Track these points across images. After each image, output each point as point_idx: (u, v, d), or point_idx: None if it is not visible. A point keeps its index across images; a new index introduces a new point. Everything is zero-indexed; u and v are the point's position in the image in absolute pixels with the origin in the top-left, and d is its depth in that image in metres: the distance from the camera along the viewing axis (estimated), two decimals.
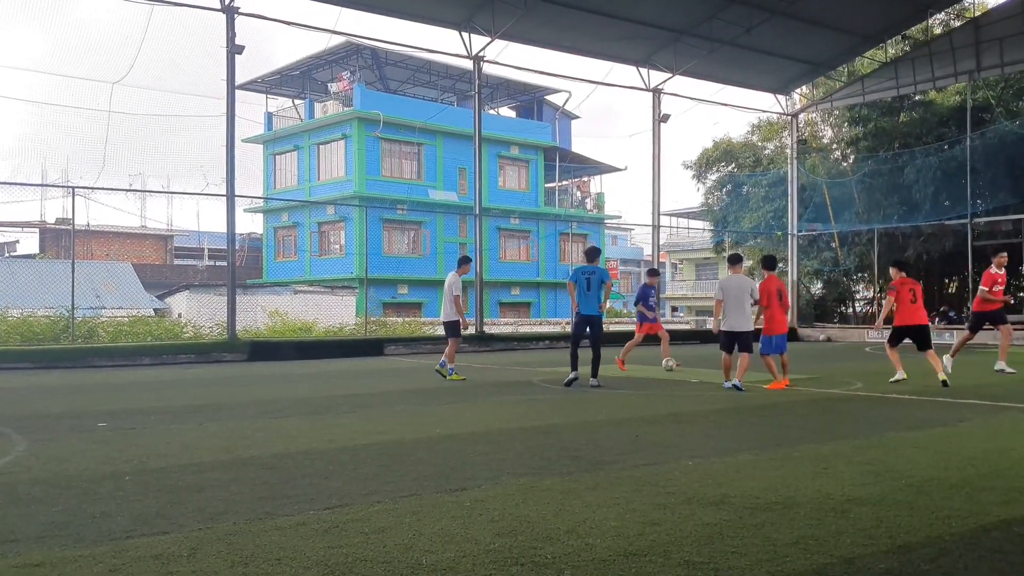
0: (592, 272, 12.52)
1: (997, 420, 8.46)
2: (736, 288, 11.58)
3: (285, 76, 43.46)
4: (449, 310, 13.64)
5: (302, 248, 42.44)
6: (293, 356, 19.50)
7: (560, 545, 4.06)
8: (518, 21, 23.12)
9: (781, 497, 5.06)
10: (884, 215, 30.79)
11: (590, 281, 12.41)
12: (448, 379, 13.42)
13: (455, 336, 13.73)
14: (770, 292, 11.76)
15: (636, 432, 7.79)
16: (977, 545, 4.05)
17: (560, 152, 47.28)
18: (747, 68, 28.90)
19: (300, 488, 5.39)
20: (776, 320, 11.85)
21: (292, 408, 9.82)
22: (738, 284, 11.64)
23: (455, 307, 13.52)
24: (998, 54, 26.79)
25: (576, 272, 12.67)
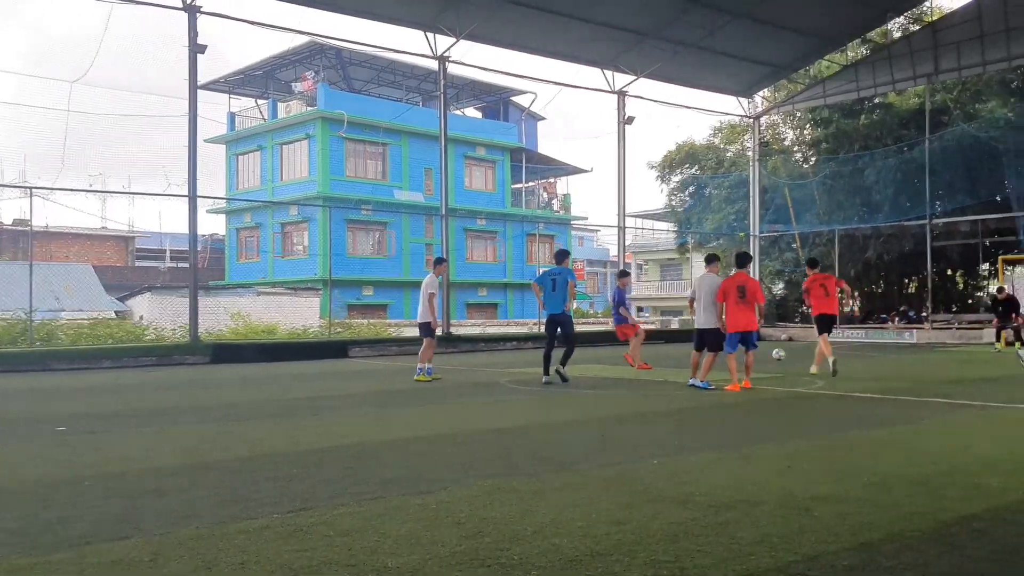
0: (558, 273, 12.70)
1: (955, 418, 8.60)
2: (707, 287, 11.65)
3: (248, 76, 43.06)
4: (424, 310, 13.66)
5: (265, 249, 42.05)
6: (256, 358, 19.31)
7: (527, 546, 4.06)
8: (484, 22, 23.10)
9: (745, 495, 5.09)
10: (845, 216, 31.22)
11: (555, 282, 12.59)
12: (416, 379, 13.43)
13: (430, 337, 13.72)
14: (727, 289, 11.42)
15: (602, 432, 7.81)
16: (938, 541, 4.11)
17: (526, 153, 47.34)
18: (710, 71, 29.15)
19: (264, 491, 5.33)
20: (731, 317, 11.46)
21: (255, 411, 9.72)
22: (708, 283, 11.70)
23: (428, 307, 13.52)
24: (955, 58, 27.29)
25: (543, 275, 12.91)
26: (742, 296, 11.36)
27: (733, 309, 11.39)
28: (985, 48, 26.55)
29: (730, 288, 11.41)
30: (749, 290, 11.43)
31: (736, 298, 11.37)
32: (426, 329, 13.74)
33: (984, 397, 10.38)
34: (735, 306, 11.37)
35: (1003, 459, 6.20)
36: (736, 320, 11.39)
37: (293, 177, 41.29)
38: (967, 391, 11.17)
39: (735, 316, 11.38)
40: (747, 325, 11.44)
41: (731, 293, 11.41)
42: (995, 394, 10.81)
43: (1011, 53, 26.34)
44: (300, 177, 40.86)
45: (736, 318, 11.38)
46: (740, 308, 11.35)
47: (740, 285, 11.40)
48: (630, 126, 28.11)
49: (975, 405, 9.59)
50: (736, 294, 11.38)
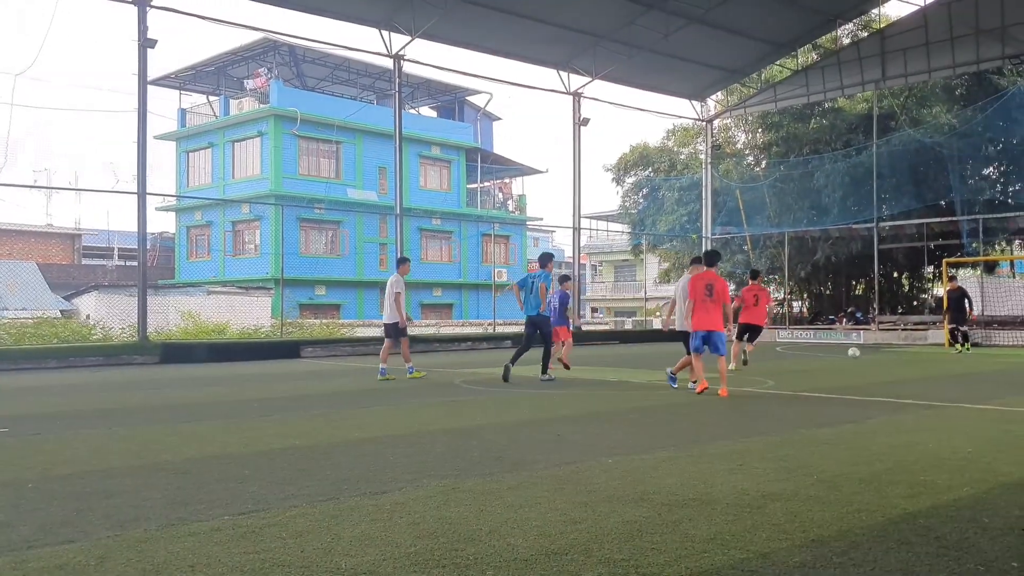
0: (536, 276, 13.28)
1: (902, 417, 8.78)
2: (681, 288, 11.76)
3: (200, 72, 42.44)
4: (391, 311, 13.88)
5: (216, 248, 41.45)
6: (206, 358, 19.04)
7: (482, 546, 4.05)
8: (439, 21, 23.05)
9: (699, 493, 5.14)
10: (795, 219, 31.71)
11: (533, 284, 13.18)
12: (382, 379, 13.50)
13: (403, 336, 14.01)
14: (694, 287, 11.06)
15: (558, 431, 7.83)
16: (885, 537, 4.19)
17: (482, 153, 47.32)
18: (665, 74, 29.44)
19: (215, 493, 5.24)
20: (696, 316, 11.04)
21: (206, 412, 9.58)
22: (683, 284, 11.75)
23: (396, 307, 13.77)
24: (902, 64, 27.91)
25: (524, 277, 13.61)
26: (709, 295, 11.00)
27: (699, 308, 11.02)
28: (931, 56, 27.20)
29: (698, 286, 11.06)
30: (717, 289, 11.07)
31: (703, 296, 11.02)
32: (394, 329, 13.91)
33: (929, 396, 10.62)
34: (701, 304, 11.01)
35: (948, 457, 6.34)
36: (701, 319, 11.00)
37: (245, 175, 40.78)
38: (913, 391, 11.41)
39: (700, 315, 11.02)
40: (712, 325, 10.98)
41: (699, 291, 11.03)
42: (940, 393, 11.06)
43: (955, 61, 27.02)
44: (252, 175, 40.36)
45: (701, 317, 11.00)
46: (706, 307, 11.00)
47: (708, 284, 11.07)
48: (585, 127, 28.27)
49: (921, 404, 9.80)
50: (704, 292, 11.01)
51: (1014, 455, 6.43)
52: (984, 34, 25.98)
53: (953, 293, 22.02)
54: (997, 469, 5.86)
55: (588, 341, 27.57)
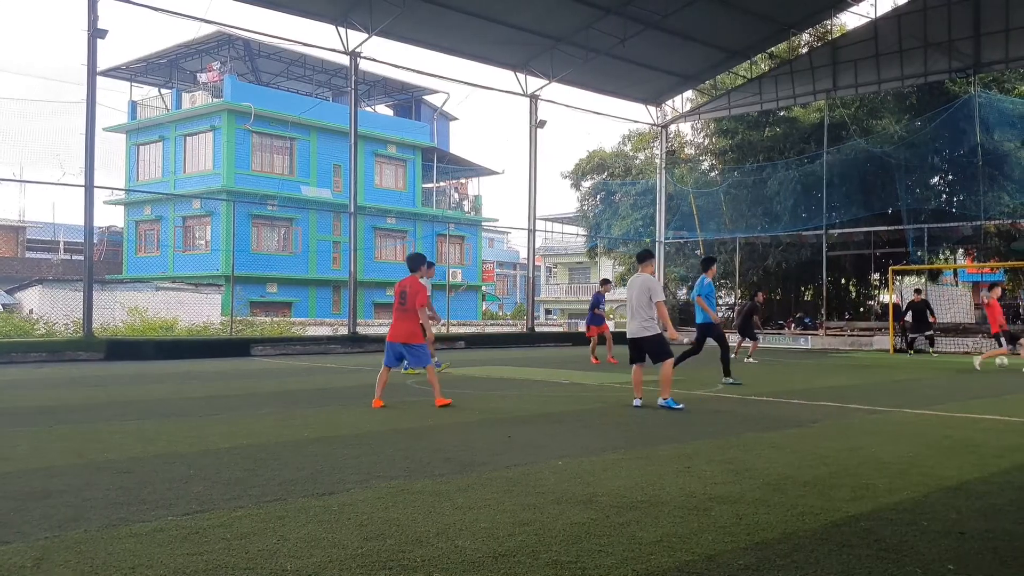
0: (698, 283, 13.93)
1: (847, 421, 8.94)
2: (639, 289, 10.02)
3: (151, 64, 41.69)
4: None
5: (165, 243, 40.76)
6: (154, 356, 18.72)
7: (429, 548, 4.03)
8: (396, 19, 22.93)
9: (646, 496, 5.18)
10: (747, 224, 32.13)
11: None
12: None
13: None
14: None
15: (509, 433, 7.84)
16: (828, 540, 4.26)
17: (438, 153, 47.18)
18: (621, 78, 29.62)
19: (158, 493, 5.16)
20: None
21: (151, 410, 9.41)
22: (640, 284, 10.04)
23: None
24: (853, 75, 28.44)
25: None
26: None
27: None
28: (880, 67, 27.75)
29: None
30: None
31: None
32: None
33: (874, 401, 10.82)
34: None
35: (890, 461, 6.47)
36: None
37: (196, 169, 40.17)
38: (858, 395, 11.62)
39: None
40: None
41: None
42: (884, 398, 11.28)
43: (904, 73, 27.60)
44: (204, 170, 39.77)
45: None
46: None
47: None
48: (542, 129, 28.36)
49: (865, 409, 9.98)
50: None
51: (953, 460, 6.59)
52: (932, 47, 26.58)
53: (917, 304, 23.21)
54: (937, 473, 6.00)
55: (542, 343, 27.64)
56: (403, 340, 9.87)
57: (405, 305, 9.92)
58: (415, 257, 10.47)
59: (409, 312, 9.90)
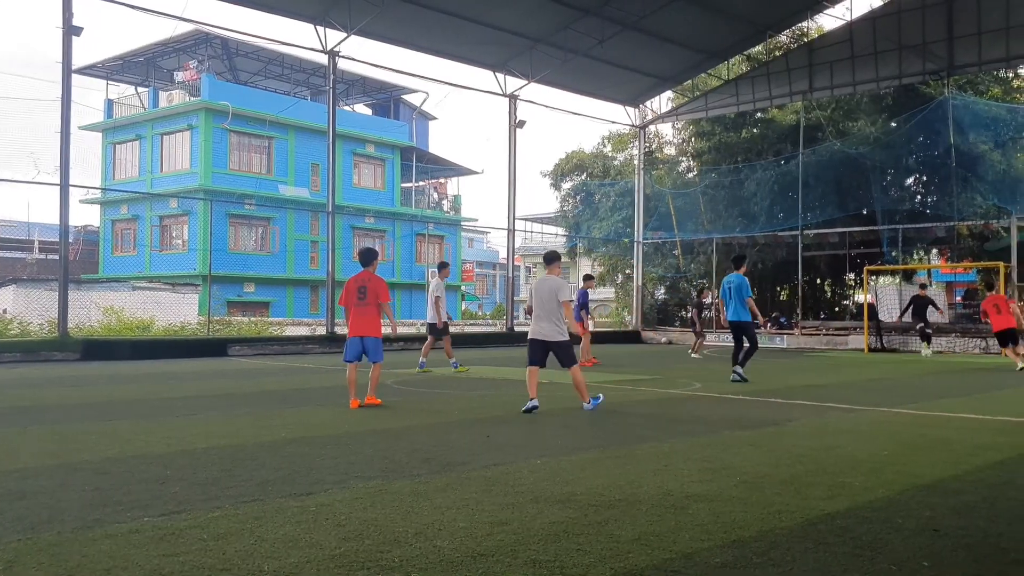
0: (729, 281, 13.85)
1: (823, 419, 9.01)
2: (547, 291, 9.64)
3: (128, 62, 41.34)
4: (432, 312, 15.15)
5: (142, 242, 40.42)
6: (130, 356, 18.56)
7: (408, 548, 4.03)
8: (375, 18, 22.87)
9: (624, 494, 5.20)
10: (725, 225, 32.30)
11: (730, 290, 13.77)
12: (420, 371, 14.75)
13: (445, 334, 15.42)
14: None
15: (488, 432, 7.84)
16: (804, 538, 4.29)
17: (417, 152, 47.07)
18: (600, 79, 29.69)
19: (134, 494, 5.12)
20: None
21: (127, 410, 9.34)
22: (550, 287, 9.71)
23: (435, 309, 14.83)
24: (828, 77, 28.66)
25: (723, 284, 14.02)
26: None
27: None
28: (856, 69, 27.99)
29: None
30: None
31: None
32: (433, 328, 15.28)
33: (849, 400, 10.91)
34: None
35: (865, 459, 6.53)
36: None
37: (173, 168, 39.86)
38: (834, 394, 11.72)
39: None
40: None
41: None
42: (860, 397, 11.37)
43: (879, 75, 27.84)
44: (181, 169, 39.47)
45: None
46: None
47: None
48: (521, 130, 28.38)
49: (841, 408, 10.07)
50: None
51: (927, 457, 6.66)
52: (907, 50, 26.83)
53: (920, 300, 22.82)
54: (911, 471, 6.06)
55: (521, 342, 27.64)
56: (365, 334, 9.92)
57: (365, 300, 9.91)
58: (369, 252, 10.37)
59: (369, 306, 9.92)
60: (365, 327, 9.93)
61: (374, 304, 9.93)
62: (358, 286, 9.97)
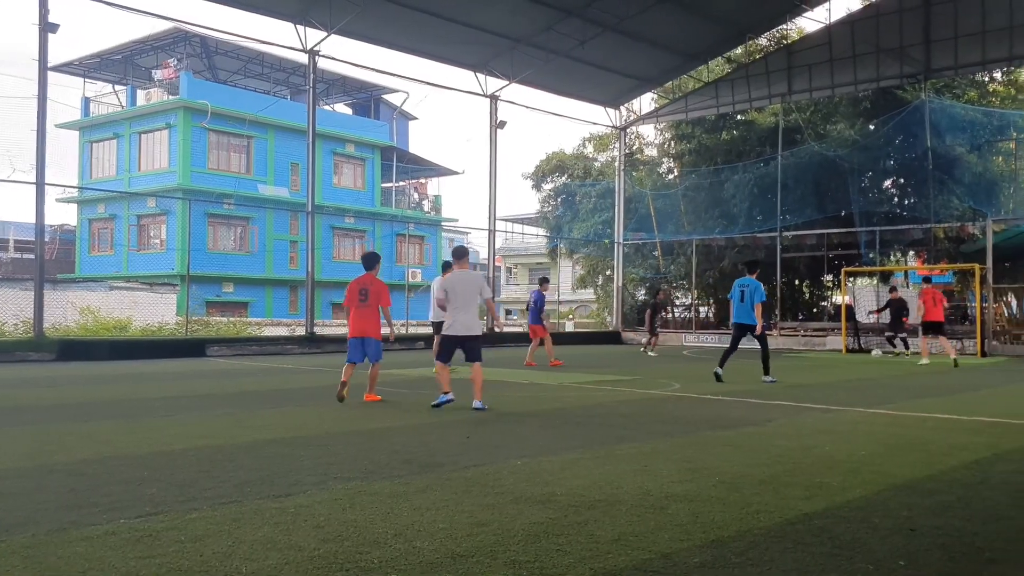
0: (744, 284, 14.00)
1: (801, 420, 9.06)
2: (467, 285, 9.69)
3: (105, 60, 40.98)
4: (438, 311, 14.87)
5: (119, 242, 40.08)
6: (107, 356, 18.41)
7: (387, 549, 4.02)
8: (355, 18, 22.81)
9: (604, 495, 5.21)
10: (704, 227, 32.44)
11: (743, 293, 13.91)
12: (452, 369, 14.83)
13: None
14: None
15: (468, 433, 7.83)
16: (783, 537, 4.32)
17: (397, 152, 46.95)
18: (581, 80, 29.76)
19: (111, 495, 5.07)
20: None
21: (104, 411, 9.25)
22: (468, 280, 9.75)
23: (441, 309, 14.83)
24: (807, 79, 28.88)
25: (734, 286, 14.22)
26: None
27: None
28: (834, 72, 28.21)
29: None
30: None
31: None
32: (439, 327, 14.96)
33: (827, 400, 10.99)
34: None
35: (843, 459, 6.58)
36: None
37: (152, 167, 39.55)
38: (812, 394, 11.79)
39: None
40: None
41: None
42: (837, 398, 11.46)
43: (857, 78, 28.08)
44: (159, 168, 39.18)
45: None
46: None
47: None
48: (502, 130, 28.40)
49: (818, 408, 10.13)
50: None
51: (903, 457, 6.72)
52: (884, 53, 27.07)
53: (895, 303, 22.85)
54: (887, 471, 6.11)
55: (501, 343, 27.65)
56: (365, 335, 10.26)
57: (367, 302, 10.22)
58: (371, 256, 10.71)
59: (370, 308, 10.22)
60: (365, 328, 10.27)
61: (375, 306, 10.25)
62: (360, 288, 10.31)
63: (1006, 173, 27.84)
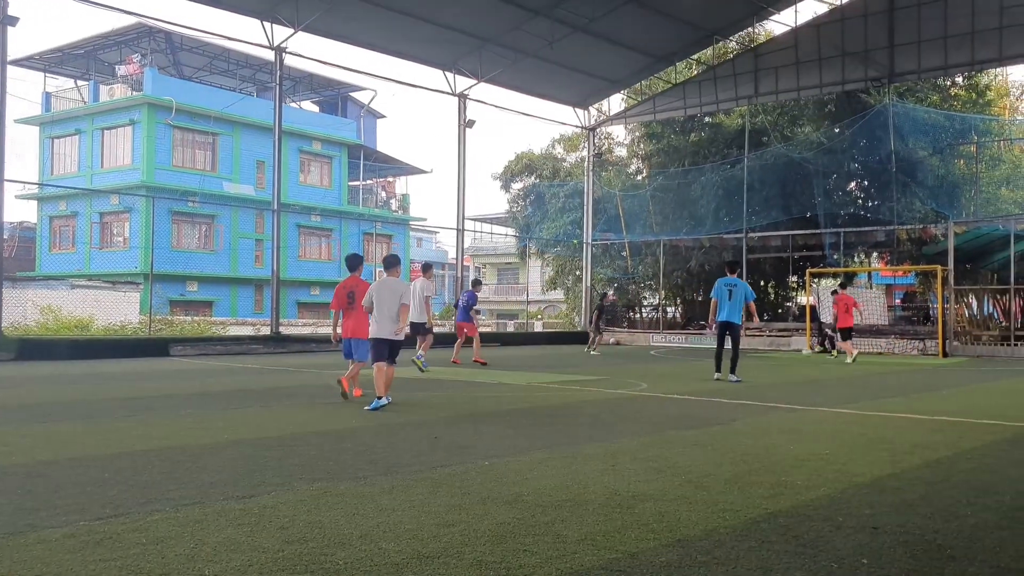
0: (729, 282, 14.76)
1: (766, 419, 9.14)
2: (390, 291, 10.01)
3: (67, 54, 40.37)
4: (420, 312, 15.04)
5: (81, 240, 39.49)
6: (68, 356, 18.12)
7: (352, 550, 3.98)
8: (323, 15, 22.67)
9: (571, 495, 5.21)
10: (672, 227, 32.64)
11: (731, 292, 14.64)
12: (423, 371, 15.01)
13: (430, 333, 15.91)
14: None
15: (435, 434, 7.80)
16: (748, 536, 4.34)
17: (365, 150, 46.74)
18: (549, 81, 29.81)
19: (70, 497, 4.98)
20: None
21: (64, 412, 9.10)
22: (391, 287, 10.07)
23: (427, 308, 15.10)
24: (774, 81, 29.15)
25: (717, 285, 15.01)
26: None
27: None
28: (800, 75, 28.51)
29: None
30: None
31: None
32: (421, 328, 15.50)
33: (791, 400, 11.09)
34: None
35: (807, 458, 6.63)
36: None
37: (115, 164, 39.01)
38: (776, 394, 11.90)
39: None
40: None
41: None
42: (801, 397, 11.57)
43: (823, 81, 28.40)
44: (122, 164, 38.65)
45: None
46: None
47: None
48: (471, 129, 28.35)
49: (783, 407, 10.23)
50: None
51: (867, 456, 6.79)
52: (849, 57, 27.41)
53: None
54: (851, 470, 6.17)
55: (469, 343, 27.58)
56: (354, 335, 10.67)
57: (354, 304, 10.60)
58: (354, 257, 11.21)
59: (357, 310, 10.50)
60: (356, 329, 10.63)
61: (361, 307, 10.42)
62: (347, 291, 10.75)
63: (967, 176, 28.29)
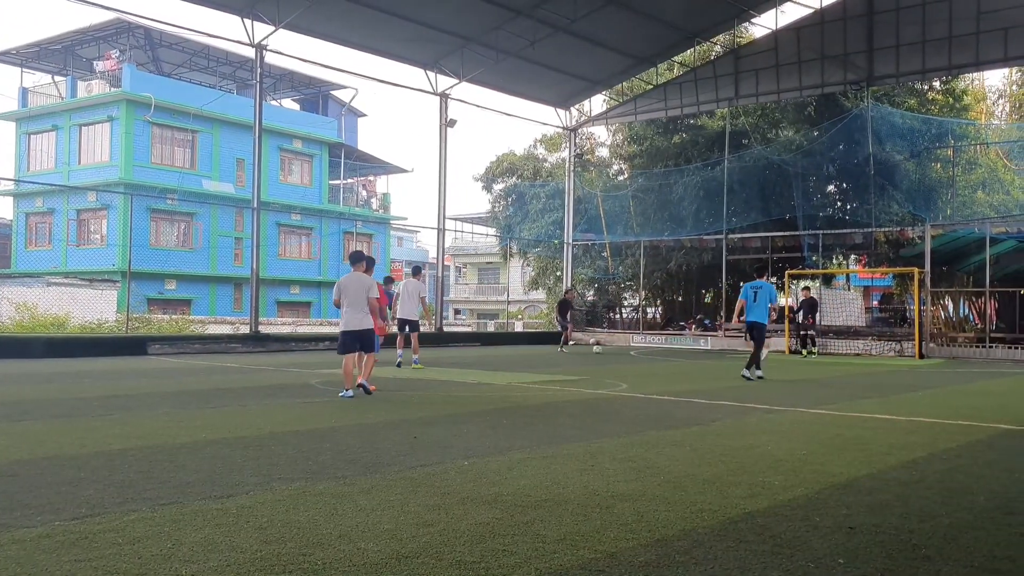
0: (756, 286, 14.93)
1: (745, 420, 9.19)
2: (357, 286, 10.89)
3: (44, 49, 39.95)
4: (414, 310, 16.00)
5: (58, 237, 39.09)
6: (44, 354, 17.95)
7: (331, 550, 3.97)
8: (304, 12, 22.56)
9: (551, 494, 5.22)
10: (653, 228, 32.75)
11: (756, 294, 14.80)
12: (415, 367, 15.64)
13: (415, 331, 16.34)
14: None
15: (415, 433, 7.78)
16: (726, 536, 4.37)
17: (346, 149, 46.57)
18: (531, 81, 29.83)
19: (45, 497, 4.93)
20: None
21: (39, 410, 9.01)
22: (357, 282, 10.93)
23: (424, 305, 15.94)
24: (754, 84, 29.32)
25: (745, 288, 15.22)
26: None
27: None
28: (780, 77, 28.68)
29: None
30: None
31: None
32: (415, 325, 16.19)
33: (770, 401, 11.16)
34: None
35: (785, 459, 6.68)
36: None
37: (92, 161, 38.65)
38: (755, 395, 11.96)
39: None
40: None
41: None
42: (780, 398, 11.64)
43: (802, 84, 28.59)
44: (100, 161, 38.31)
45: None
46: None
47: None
48: (452, 128, 28.33)
49: (761, 408, 10.28)
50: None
51: (844, 457, 6.84)
52: (828, 60, 27.61)
53: (807, 302, 23.88)
54: (828, 470, 6.22)
55: (450, 343, 27.59)
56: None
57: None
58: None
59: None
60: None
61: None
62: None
63: (944, 180, 28.58)
